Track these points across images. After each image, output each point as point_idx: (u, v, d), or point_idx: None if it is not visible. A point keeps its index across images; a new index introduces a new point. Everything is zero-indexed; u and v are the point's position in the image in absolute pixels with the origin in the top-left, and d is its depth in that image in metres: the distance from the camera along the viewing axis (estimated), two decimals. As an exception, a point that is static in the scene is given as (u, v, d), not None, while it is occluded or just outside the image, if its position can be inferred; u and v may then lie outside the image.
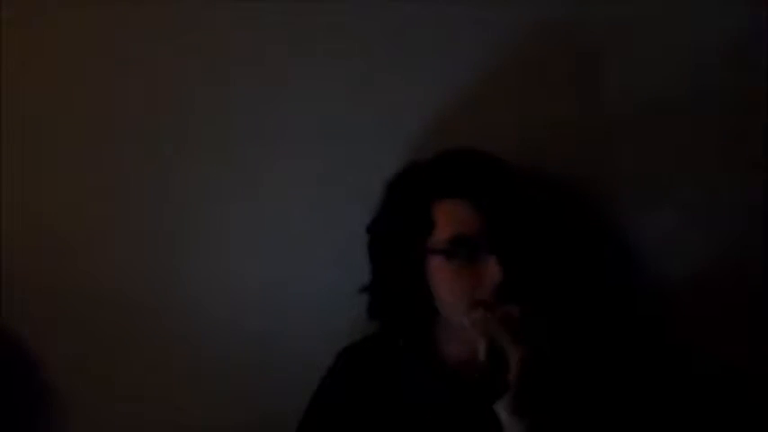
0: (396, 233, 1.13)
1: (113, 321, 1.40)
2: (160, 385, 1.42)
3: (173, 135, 1.32)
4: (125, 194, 1.35)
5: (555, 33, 1.22)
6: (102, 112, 1.32)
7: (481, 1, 1.22)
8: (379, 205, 1.18)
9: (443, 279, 1.09)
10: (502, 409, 1.00)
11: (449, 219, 1.08)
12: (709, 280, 1.25)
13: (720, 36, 1.21)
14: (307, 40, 1.27)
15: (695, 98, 1.21)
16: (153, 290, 1.38)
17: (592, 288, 1.22)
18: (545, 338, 1.04)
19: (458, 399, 1.10)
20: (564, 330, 1.13)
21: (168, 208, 1.35)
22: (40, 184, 1.35)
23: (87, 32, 1.29)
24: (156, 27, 1.28)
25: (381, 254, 1.16)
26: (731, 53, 1.21)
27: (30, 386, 1.42)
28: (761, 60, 1.20)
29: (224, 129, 1.31)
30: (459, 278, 1.07)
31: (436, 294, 1.11)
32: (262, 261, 1.36)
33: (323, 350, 1.25)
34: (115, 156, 1.34)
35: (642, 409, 1.00)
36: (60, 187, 1.35)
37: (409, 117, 1.27)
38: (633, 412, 1.02)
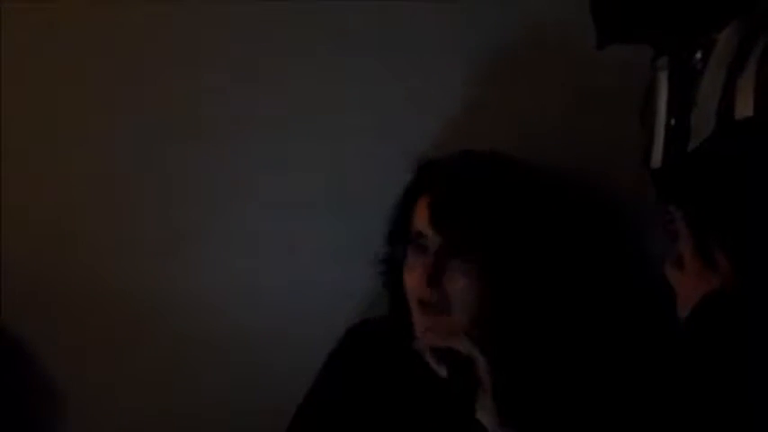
0: (390, 227, 1.15)
1: (113, 321, 1.40)
2: (160, 385, 1.42)
3: (173, 134, 1.33)
4: (126, 194, 1.35)
5: (555, 33, 1.22)
6: (102, 111, 1.32)
7: (481, 1, 1.22)
8: None
9: (404, 272, 1.10)
10: (489, 424, 1.01)
11: (419, 213, 1.09)
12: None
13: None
14: (306, 41, 1.27)
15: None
16: (153, 289, 1.38)
17: (583, 287, 1.22)
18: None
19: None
20: (547, 330, 1.12)
21: (169, 207, 1.35)
22: (40, 183, 1.35)
23: (88, 32, 1.29)
24: (155, 27, 1.28)
25: (384, 251, 1.17)
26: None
27: (30, 386, 1.42)
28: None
29: (224, 128, 1.31)
30: (407, 273, 1.08)
31: None
32: (262, 260, 1.36)
33: (323, 349, 1.25)
34: (116, 155, 1.34)
35: (638, 411, 1.00)
36: (60, 187, 1.35)
37: (408, 118, 1.27)
38: (628, 414, 1.02)
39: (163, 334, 1.40)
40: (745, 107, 0.84)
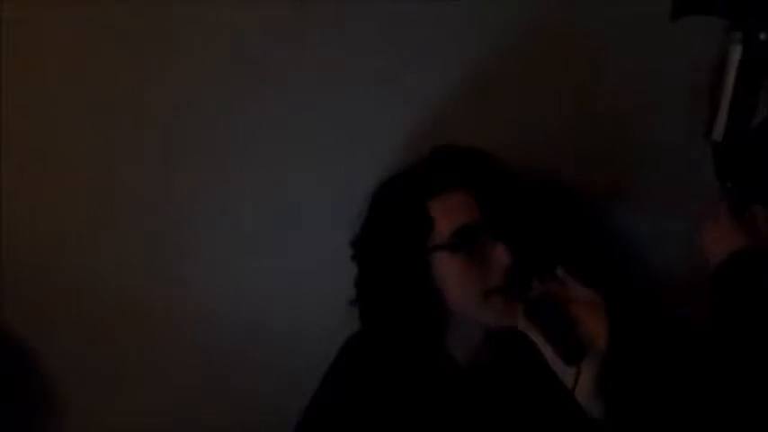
0: (395, 239, 1.11)
1: (113, 321, 1.40)
2: (160, 384, 1.42)
3: (173, 134, 1.32)
4: (126, 194, 1.35)
5: (555, 33, 1.22)
6: (102, 110, 1.32)
7: (481, 0, 1.22)
8: (366, 217, 1.16)
9: (452, 274, 1.08)
10: (582, 394, 0.98)
11: (447, 213, 1.08)
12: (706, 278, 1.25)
13: (718, 37, 1.21)
14: (305, 40, 1.27)
15: (694, 98, 1.21)
16: (153, 290, 1.38)
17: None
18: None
19: (467, 392, 1.11)
20: None
21: (169, 207, 1.35)
22: (40, 183, 1.35)
23: (87, 32, 1.29)
24: (155, 27, 1.28)
25: (380, 263, 1.14)
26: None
27: (30, 386, 1.42)
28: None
29: (225, 128, 1.31)
30: (467, 270, 1.07)
31: (446, 291, 1.09)
32: (262, 261, 1.36)
33: (324, 349, 1.25)
34: (116, 155, 1.34)
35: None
36: (60, 186, 1.35)
37: (408, 117, 1.27)
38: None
39: (163, 334, 1.40)
40: None
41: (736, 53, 0.96)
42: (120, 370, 1.42)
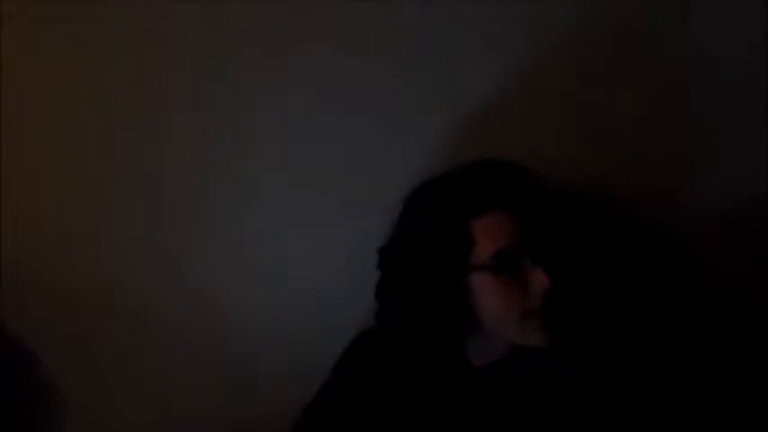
0: (433, 253, 1.10)
1: (113, 321, 1.40)
2: (160, 385, 1.42)
3: (174, 135, 1.33)
4: (125, 194, 1.35)
5: (561, 37, 1.23)
6: (102, 111, 1.32)
7: (487, 6, 1.22)
8: (401, 227, 1.15)
9: (491, 294, 1.08)
10: None
11: (490, 233, 1.07)
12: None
13: (719, 37, 1.21)
14: (310, 42, 1.27)
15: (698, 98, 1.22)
16: (153, 290, 1.38)
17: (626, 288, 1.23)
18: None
19: (479, 399, 1.12)
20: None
21: (169, 207, 1.35)
22: (40, 183, 1.35)
23: (87, 32, 1.29)
24: (155, 27, 1.28)
25: (415, 276, 1.12)
26: (730, 53, 1.21)
27: (30, 386, 1.42)
28: (760, 60, 1.21)
29: (226, 128, 1.31)
30: (507, 291, 1.07)
31: (482, 309, 1.09)
32: (264, 261, 1.36)
33: (324, 350, 1.25)
34: (116, 155, 1.34)
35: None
36: (61, 186, 1.35)
37: (415, 122, 1.27)
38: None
39: (163, 334, 1.40)
40: None
41: None
42: (119, 370, 1.42)
